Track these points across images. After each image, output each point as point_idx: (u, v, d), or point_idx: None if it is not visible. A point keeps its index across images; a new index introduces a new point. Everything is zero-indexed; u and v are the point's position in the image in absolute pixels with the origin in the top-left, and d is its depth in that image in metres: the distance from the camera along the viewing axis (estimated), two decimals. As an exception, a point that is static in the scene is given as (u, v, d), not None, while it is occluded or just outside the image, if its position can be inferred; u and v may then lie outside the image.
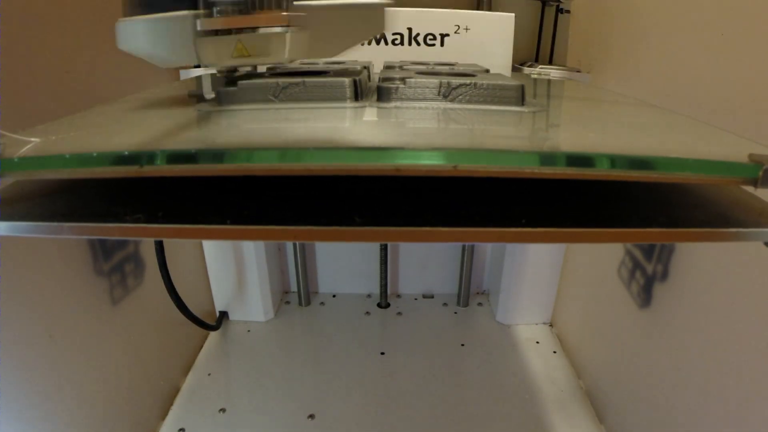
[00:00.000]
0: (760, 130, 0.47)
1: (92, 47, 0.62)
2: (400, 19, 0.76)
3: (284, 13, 0.30)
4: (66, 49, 0.57)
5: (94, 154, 0.24)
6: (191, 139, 0.30)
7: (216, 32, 0.31)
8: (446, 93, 0.38)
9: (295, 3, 0.30)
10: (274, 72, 0.47)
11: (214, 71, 0.39)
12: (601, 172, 0.24)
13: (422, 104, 0.38)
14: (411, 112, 0.37)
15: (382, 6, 0.30)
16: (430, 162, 0.23)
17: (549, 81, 0.66)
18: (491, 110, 0.37)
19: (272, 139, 0.29)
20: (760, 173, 0.26)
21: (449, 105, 0.38)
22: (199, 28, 0.31)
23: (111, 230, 0.26)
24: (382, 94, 0.39)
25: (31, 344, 0.53)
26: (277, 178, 0.29)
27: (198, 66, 0.88)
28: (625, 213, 0.29)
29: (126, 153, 0.24)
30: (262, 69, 0.46)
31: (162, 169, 0.24)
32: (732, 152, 0.30)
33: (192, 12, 0.30)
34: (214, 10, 0.30)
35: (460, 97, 0.38)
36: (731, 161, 0.26)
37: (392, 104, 0.38)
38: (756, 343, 0.48)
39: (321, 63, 0.65)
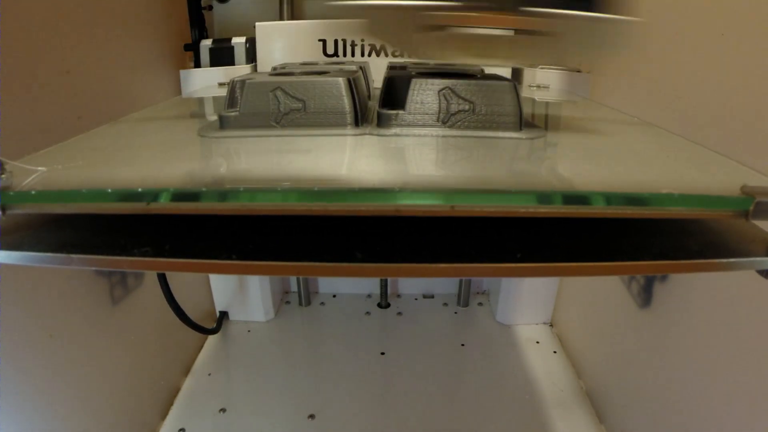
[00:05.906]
0: (759, 132, 0.47)
1: (92, 47, 0.62)
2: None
3: (513, 17, 0.28)
4: (66, 49, 0.57)
5: (109, 191, 0.25)
6: (196, 173, 0.30)
7: (439, 27, 0.30)
8: (445, 119, 0.38)
9: (522, 8, 0.28)
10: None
11: (217, 91, 0.39)
12: (596, 210, 0.25)
13: (422, 131, 0.38)
14: (410, 140, 0.37)
15: (625, 22, 0.26)
16: (428, 202, 0.24)
17: (547, 103, 0.67)
18: (489, 137, 0.38)
19: (275, 176, 0.29)
20: (752, 207, 0.27)
21: (448, 132, 0.38)
22: (420, 22, 0.30)
23: (119, 263, 0.26)
24: (382, 120, 0.40)
25: (31, 344, 0.53)
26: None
27: (199, 66, 0.87)
28: (619, 241, 0.30)
29: (140, 190, 0.25)
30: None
31: (168, 207, 0.24)
32: (726, 181, 0.31)
33: (414, 3, 0.29)
34: (436, 5, 0.29)
35: (459, 123, 0.38)
36: (723, 195, 0.27)
37: (392, 131, 0.39)
38: (756, 343, 0.48)
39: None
